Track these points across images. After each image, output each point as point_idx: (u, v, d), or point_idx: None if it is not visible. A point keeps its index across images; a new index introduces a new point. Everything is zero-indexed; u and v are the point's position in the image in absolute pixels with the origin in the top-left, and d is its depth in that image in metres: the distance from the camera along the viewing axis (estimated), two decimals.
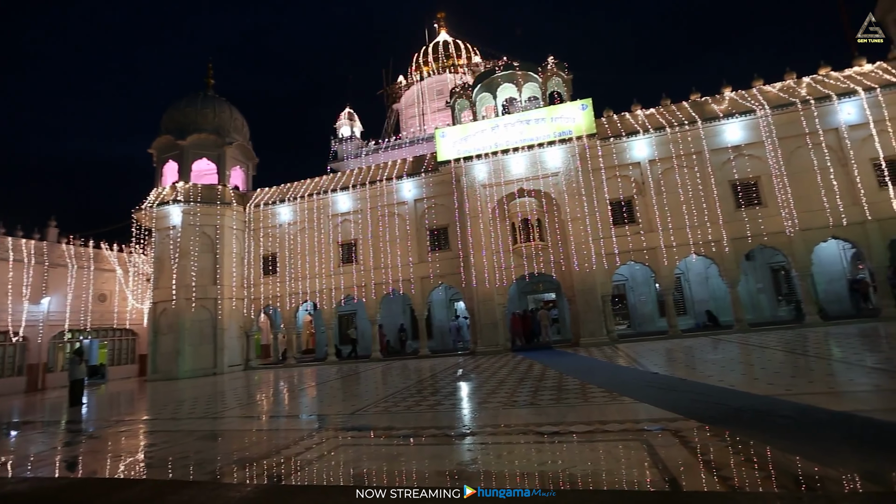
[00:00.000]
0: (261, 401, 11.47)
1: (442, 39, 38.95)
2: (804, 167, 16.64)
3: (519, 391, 8.65)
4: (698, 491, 3.44)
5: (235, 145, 23.52)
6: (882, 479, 3.46)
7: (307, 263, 22.07)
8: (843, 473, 3.56)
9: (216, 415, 9.39)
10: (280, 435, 7.16)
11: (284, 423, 8.29)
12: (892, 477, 3.52)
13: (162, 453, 6.26)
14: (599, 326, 17.20)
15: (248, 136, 24.98)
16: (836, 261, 18.93)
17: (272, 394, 12.77)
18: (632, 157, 18.40)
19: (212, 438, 7.13)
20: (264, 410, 9.92)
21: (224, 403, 11.21)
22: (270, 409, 10.15)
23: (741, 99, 17.77)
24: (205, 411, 9.97)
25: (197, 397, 12.80)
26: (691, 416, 5.51)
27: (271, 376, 17.71)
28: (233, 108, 24.33)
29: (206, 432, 7.59)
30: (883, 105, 16.09)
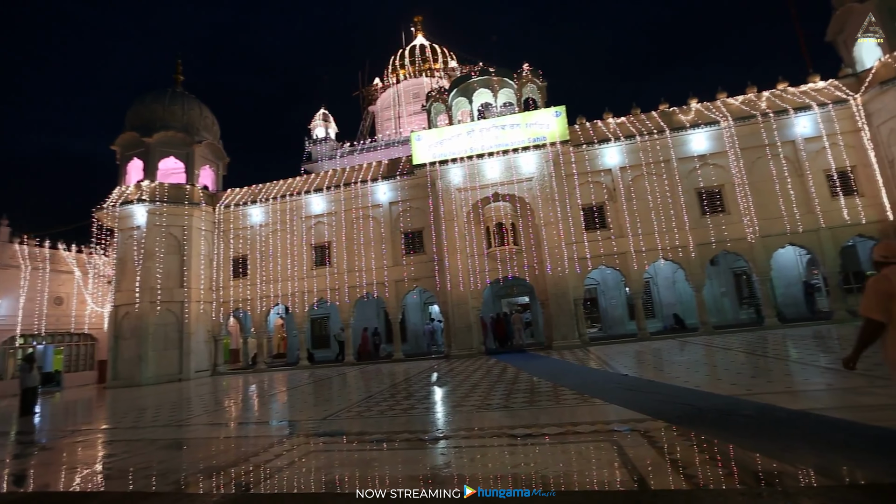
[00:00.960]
0: (229, 407, 11.13)
1: (419, 43, 39.01)
2: (764, 177, 17.43)
3: (492, 394, 8.69)
4: (665, 490, 3.54)
5: (205, 144, 22.87)
6: (833, 473, 3.64)
7: (279, 266, 21.61)
8: (799, 469, 3.73)
9: (181, 423, 9.05)
10: (249, 442, 6.96)
11: (253, 429, 8.07)
12: (843, 471, 3.71)
13: (122, 464, 5.98)
14: (571, 329, 17.50)
15: (218, 135, 24.32)
16: (793, 266, 19.90)
17: (241, 400, 12.42)
18: (603, 163, 18.85)
19: (176, 447, 6.87)
20: (232, 417, 9.63)
21: (190, 410, 10.82)
22: (239, 415, 9.87)
23: (706, 110, 18.48)
24: (169, 419, 9.60)
25: (160, 404, 12.32)
26: (659, 416, 5.67)
27: (240, 382, 17.22)
28: (203, 106, 23.65)
29: (170, 441, 7.31)
30: (834, 120, 17.06)
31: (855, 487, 3.38)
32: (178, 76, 24.16)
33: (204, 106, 23.74)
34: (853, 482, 3.49)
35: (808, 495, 3.26)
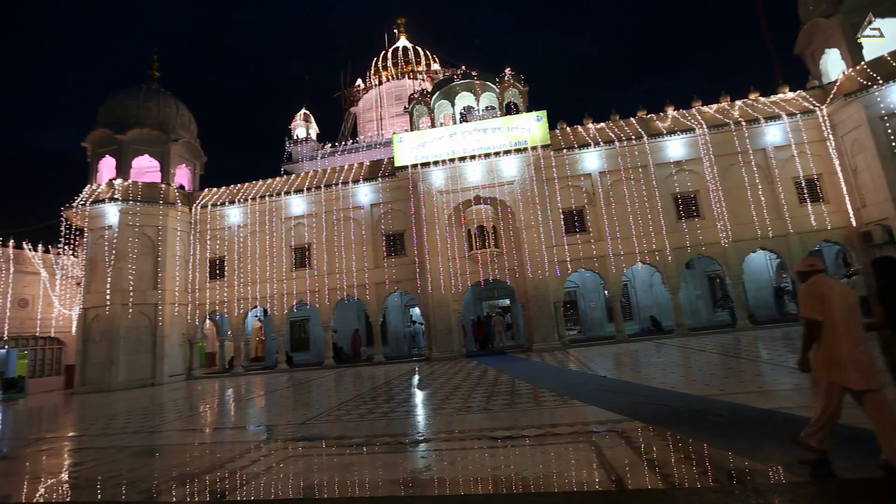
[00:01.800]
0: (204, 412, 10.86)
1: (402, 45, 38.97)
2: (736, 183, 17.98)
3: (473, 396, 8.71)
4: (642, 489, 3.61)
5: (181, 142, 22.33)
6: (801, 470, 3.77)
7: (257, 268, 21.23)
8: (769, 466, 3.84)
9: (153, 429, 8.79)
10: (225, 448, 6.80)
11: (230, 435, 7.89)
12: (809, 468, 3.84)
13: (89, 473, 5.77)
14: (552, 332, 17.68)
15: (195, 134, 23.78)
16: (763, 270, 20.56)
17: (217, 404, 12.13)
18: (583, 168, 19.15)
19: (147, 454, 6.66)
20: (207, 422, 9.40)
21: (162, 416, 10.52)
22: (214, 420, 9.63)
23: (682, 118, 18.98)
24: (140, 425, 9.31)
25: (132, 410, 11.93)
26: (636, 417, 5.78)
27: (216, 386, 16.83)
28: (179, 104, 23.10)
29: (142, 448, 7.09)
30: (802, 129, 17.73)
31: (822, 483, 3.50)
32: (154, 72, 23.55)
33: (181, 103, 23.19)
34: (817, 478, 3.61)
35: (778, 492, 3.37)
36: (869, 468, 3.53)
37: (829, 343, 3.60)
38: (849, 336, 3.53)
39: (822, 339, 3.64)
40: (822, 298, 3.63)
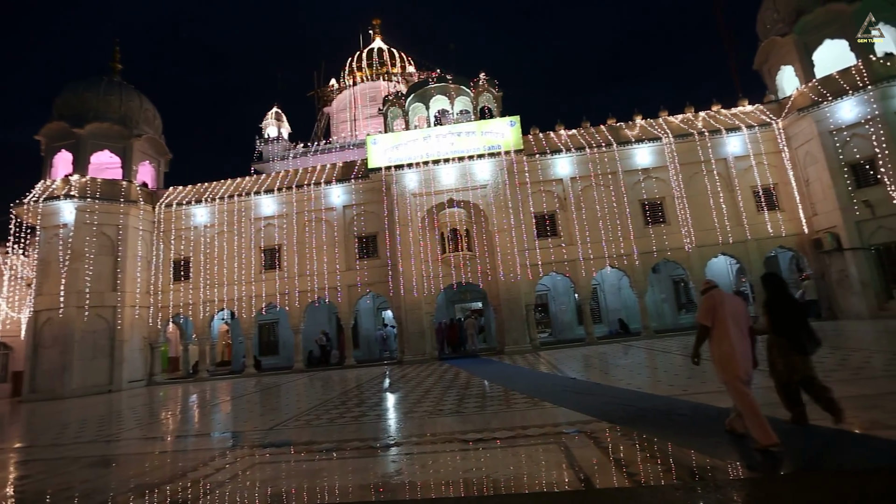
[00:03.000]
0: (165, 419, 10.44)
1: (377, 46, 38.76)
2: (700, 191, 18.71)
3: (445, 400, 8.71)
4: (609, 488, 3.69)
5: (145, 138, 21.47)
6: (758, 466, 3.94)
7: (225, 269, 20.60)
8: (728, 463, 4.01)
9: (110, 437, 8.37)
10: (187, 456, 6.55)
11: (193, 442, 7.60)
12: (767, 463, 4.02)
13: (38, 486, 5.44)
14: (523, 335, 17.89)
15: (160, 130, 22.92)
16: (724, 274, 21.45)
17: (179, 411, 11.69)
18: (555, 173, 19.51)
19: (103, 465, 6.34)
20: (169, 430, 9.03)
21: (120, 424, 10.05)
22: (177, 427, 9.27)
23: (650, 126, 19.62)
24: (96, 434, 8.86)
25: (86, 418, 11.35)
26: (604, 418, 5.91)
27: (179, 392, 16.21)
28: (143, 98, 22.22)
29: (97, 458, 6.74)
30: (760, 141, 18.64)
31: (777, 479, 3.67)
32: (116, 64, 22.58)
33: (145, 98, 22.31)
34: (775, 474, 3.79)
35: (736, 487, 3.51)
36: (826, 464, 3.73)
37: (723, 343, 4.29)
38: (739, 336, 4.28)
39: (715, 340, 4.36)
40: (713, 308, 4.40)
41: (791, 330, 4.63)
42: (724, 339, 4.28)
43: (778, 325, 4.70)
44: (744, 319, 4.38)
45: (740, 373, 4.17)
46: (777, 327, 4.71)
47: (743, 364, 4.19)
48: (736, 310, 4.38)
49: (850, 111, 16.38)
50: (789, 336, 4.62)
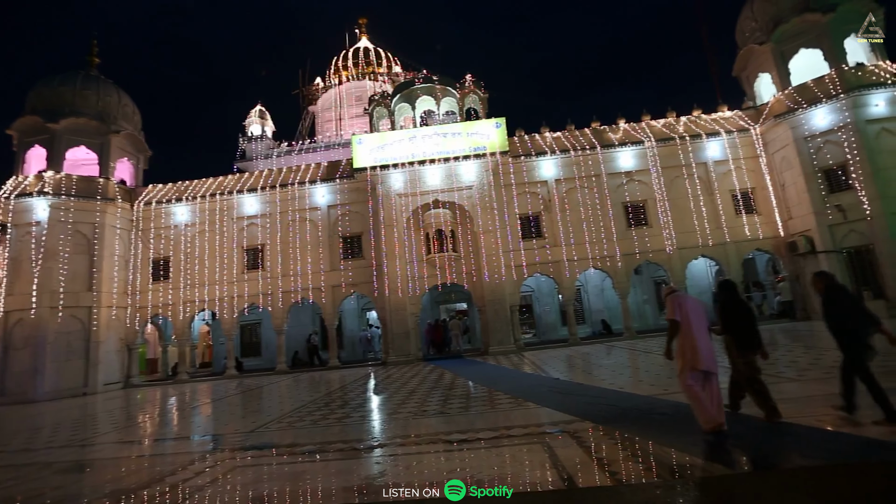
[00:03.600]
0: (143, 422, 10.20)
1: (363, 45, 38.56)
2: (681, 194, 19.07)
3: (429, 401, 8.70)
4: (591, 486, 3.74)
5: (123, 134, 20.95)
6: (732, 463, 4.04)
7: (206, 269, 20.22)
8: (706, 461, 4.09)
9: (84, 442, 8.14)
10: (166, 460, 6.41)
11: (171, 446, 7.44)
12: (741, 460, 4.13)
13: (7, 493, 5.26)
14: (507, 335, 17.98)
15: (139, 126, 22.39)
16: (703, 276, 21.89)
17: (157, 414, 11.44)
18: (540, 175, 19.67)
19: (77, 470, 6.16)
20: (147, 433, 8.83)
21: (95, 428, 9.78)
22: (155, 431, 9.07)
23: (633, 130, 19.93)
24: (69, 438, 8.60)
25: (59, 422, 11.02)
26: (587, 417, 5.98)
27: (157, 394, 15.85)
28: (122, 93, 21.68)
29: (70, 463, 6.55)
30: (738, 146, 19.10)
31: (749, 475, 3.77)
32: (93, 58, 21.98)
33: (123, 93, 21.77)
34: (750, 470, 3.89)
35: (713, 484, 3.59)
36: (796, 460, 3.84)
37: (687, 338, 4.83)
38: (701, 332, 4.82)
39: (682, 336, 4.87)
40: (679, 307, 4.92)
41: (740, 331, 5.19)
42: (689, 334, 4.81)
43: (730, 326, 5.29)
44: (703, 318, 4.94)
45: (701, 364, 4.67)
46: (729, 328, 5.30)
47: (705, 355, 4.70)
48: (696, 309, 4.95)
49: (823, 118, 16.90)
50: (737, 336, 5.19)
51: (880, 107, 16.27)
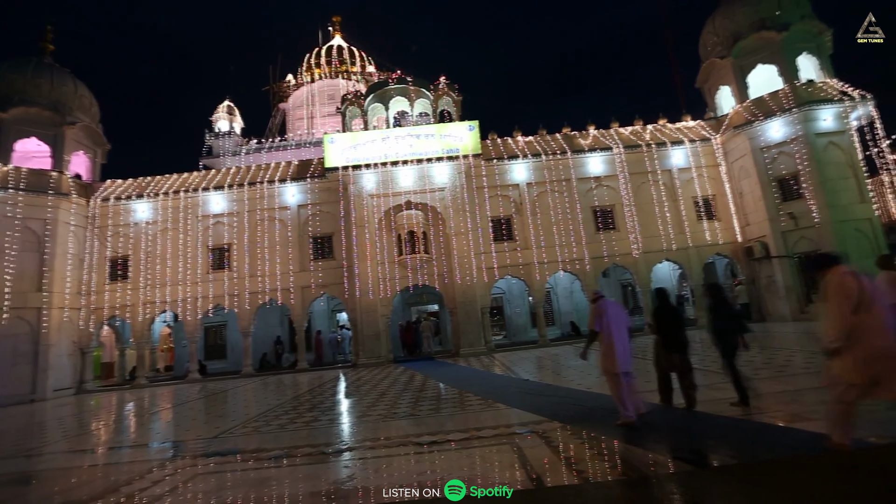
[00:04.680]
0: (97, 430, 9.70)
1: (336, 44, 38.06)
2: (646, 199, 19.71)
3: (399, 403, 8.66)
4: (559, 486, 3.80)
5: (79, 126, 19.90)
6: (692, 460, 4.20)
7: (168, 268, 19.44)
8: (668, 457, 4.24)
9: (31, 452, 7.67)
10: (122, 469, 6.11)
11: (128, 454, 7.11)
12: (697, 457, 4.29)
13: None
14: (478, 337, 18.10)
15: (97, 118, 21.34)
16: (667, 279, 22.65)
17: (113, 421, 10.91)
18: (512, 178, 19.92)
19: (22, 483, 5.80)
20: (101, 441, 8.41)
21: (43, 437, 9.24)
22: (109, 439, 8.64)
23: (602, 137, 20.46)
24: (13, 448, 8.09)
25: (3, 431, 10.34)
26: (555, 417, 6.09)
27: (113, 400, 15.12)
28: (79, 83, 20.60)
29: (14, 475, 6.15)
30: (700, 155, 19.91)
31: (708, 471, 3.93)
32: (48, 44, 20.80)
33: (81, 83, 20.70)
34: (707, 466, 4.05)
35: (673, 480, 3.72)
36: (749, 455, 4.02)
37: (607, 344, 5.37)
38: (620, 338, 5.34)
39: (602, 340, 5.42)
40: (600, 315, 5.45)
41: (667, 333, 5.90)
42: (609, 341, 5.35)
43: (660, 328, 6.02)
44: (624, 323, 5.48)
45: (617, 366, 5.24)
46: (659, 330, 6.03)
47: (621, 359, 5.26)
48: (618, 316, 5.47)
49: (777, 131, 17.84)
50: (666, 337, 5.92)
51: (828, 121, 17.32)
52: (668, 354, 5.90)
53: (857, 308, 3.57)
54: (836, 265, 3.91)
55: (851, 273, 3.78)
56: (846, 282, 3.69)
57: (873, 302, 3.59)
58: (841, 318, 3.59)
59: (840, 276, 3.76)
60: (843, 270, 3.82)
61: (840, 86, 17.72)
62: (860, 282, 3.68)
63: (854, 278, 3.70)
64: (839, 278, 3.76)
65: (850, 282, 3.66)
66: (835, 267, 3.89)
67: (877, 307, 3.58)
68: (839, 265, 3.91)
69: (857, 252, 16.25)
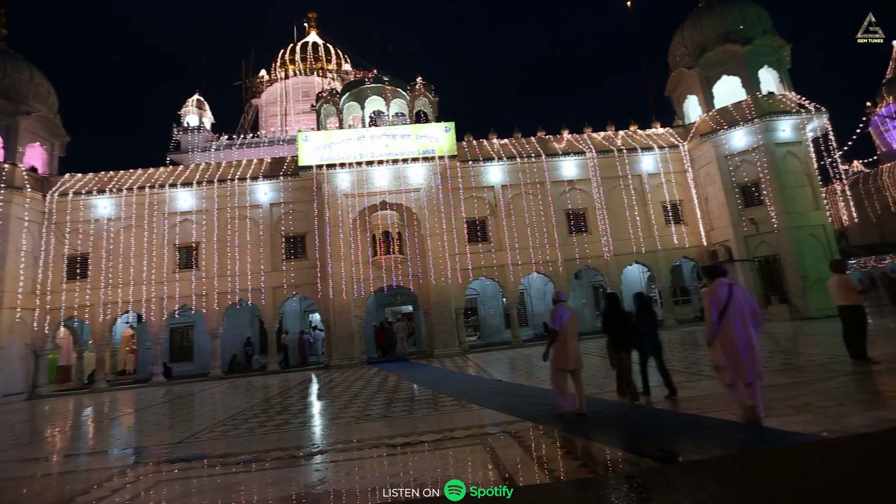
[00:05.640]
0: (51, 437, 9.22)
1: (312, 40, 37.44)
2: (617, 203, 20.22)
3: (372, 404, 8.59)
4: (531, 485, 3.85)
5: (35, 116, 18.91)
6: (657, 456, 4.33)
7: (132, 267, 18.68)
8: (636, 455, 4.35)
9: None
10: (78, 478, 5.82)
11: (85, 462, 6.77)
12: (662, 453, 4.43)
13: None
14: (452, 338, 18.14)
15: (55, 108, 20.34)
16: (637, 281, 23.28)
17: (69, 427, 10.39)
18: (487, 180, 20.08)
19: None
20: (55, 449, 7.99)
21: None
22: (65, 446, 8.23)
23: (576, 141, 20.88)
24: None
25: None
26: (527, 417, 6.16)
27: (70, 405, 14.40)
28: (35, 71, 19.58)
29: None
30: (669, 161, 20.58)
31: (673, 466, 4.05)
32: (0, 28, 19.69)
33: (37, 71, 19.68)
34: (672, 462, 4.18)
35: (641, 476, 3.83)
36: (712, 451, 4.18)
37: (562, 343, 5.87)
38: (573, 338, 5.87)
39: (558, 342, 5.90)
40: (559, 317, 5.89)
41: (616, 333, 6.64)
42: (563, 341, 5.88)
43: (610, 329, 6.71)
44: (577, 326, 6.03)
45: (569, 365, 5.81)
46: (608, 331, 6.73)
47: (572, 358, 5.81)
48: (572, 319, 5.93)
49: (740, 140, 18.63)
50: (614, 337, 6.64)
51: (786, 132, 18.21)
52: (616, 352, 6.62)
53: (723, 312, 4.65)
54: (719, 276, 4.95)
55: (727, 284, 4.80)
56: (718, 292, 4.73)
57: (734, 308, 4.63)
58: (709, 319, 4.75)
59: (716, 287, 4.79)
60: (722, 282, 4.82)
61: (798, 99, 18.66)
62: (731, 291, 4.72)
63: (727, 289, 4.73)
64: (715, 287, 4.79)
65: (722, 292, 4.72)
66: (718, 278, 4.91)
67: (735, 313, 4.63)
68: (721, 277, 4.94)
69: (812, 256, 17.16)
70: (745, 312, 4.69)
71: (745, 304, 4.74)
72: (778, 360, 9.15)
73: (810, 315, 16.33)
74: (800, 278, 17.02)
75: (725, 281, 4.87)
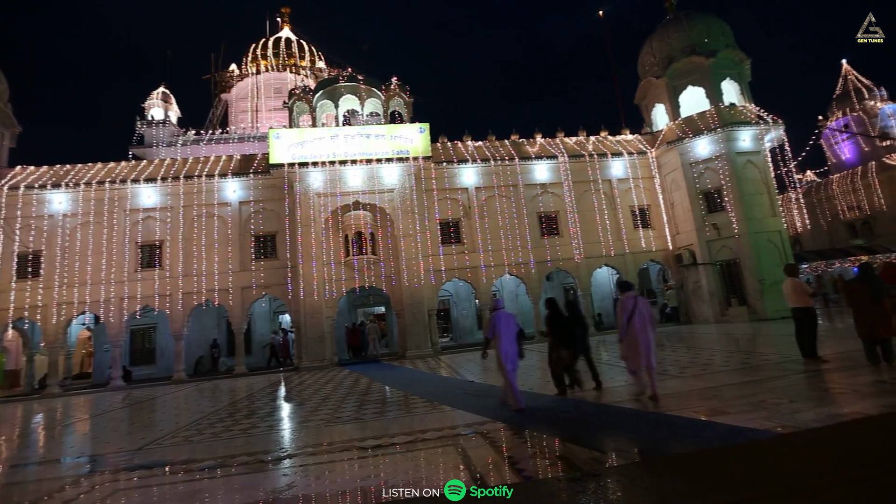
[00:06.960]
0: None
1: (285, 36, 36.70)
2: (588, 207, 20.67)
3: (343, 407, 8.48)
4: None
5: None
6: (626, 454, 4.45)
7: (89, 266, 17.81)
8: (604, 453, 4.46)
9: None
10: (27, 489, 5.50)
11: (35, 472, 6.39)
12: (633, 451, 4.56)
13: None
14: (425, 339, 18.11)
15: (6, 97, 19.22)
16: (606, 283, 23.88)
17: (16, 435, 9.81)
18: (461, 182, 20.17)
19: None
20: (0, 458, 7.52)
21: None
22: (12, 455, 7.76)
23: (548, 145, 21.24)
24: None
25: None
26: (498, 418, 6.21)
27: (18, 411, 13.59)
28: None
29: None
30: (637, 167, 21.21)
31: (643, 464, 4.18)
32: None
33: None
34: (641, 460, 4.31)
35: (609, 474, 3.92)
36: (680, 448, 4.32)
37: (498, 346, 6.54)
38: (506, 342, 6.52)
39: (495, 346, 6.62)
40: (494, 325, 6.65)
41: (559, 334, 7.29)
42: (497, 345, 6.55)
43: (552, 330, 7.39)
44: (512, 330, 6.61)
45: (507, 364, 6.42)
46: (552, 332, 7.39)
47: (510, 359, 6.48)
48: (508, 324, 6.61)
49: (704, 148, 19.39)
50: (557, 337, 7.28)
51: (746, 142, 19.08)
52: (558, 351, 7.18)
53: (630, 317, 6.38)
54: (628, 290, 6.73)
55: (633, 297, 6.54)
56: (627, 302, 6.52)
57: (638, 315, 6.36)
58: (619, 323, 6.61)
59: (625, 298, 6.60)
60: (630, 294, 6.61)
61: (757, 110, 19.58)
62: (636, 302, 6.47)
63: (632, 300, 6.48)
64: (624, 299, 6.60)
65: (629, 302, 6.47)
66: (627, 292, 6.70)
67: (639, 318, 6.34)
68: (630, 291, 6.71)
69: (769, 260, 18.01)
70: (645, 318, 6.34)
71: (646, 312, 6.45)
72: (737, 359, 9.56)
73: (767, 316, 17.14)
74: (758, 281, 17.85)
75: (633, 294, 6.59)
